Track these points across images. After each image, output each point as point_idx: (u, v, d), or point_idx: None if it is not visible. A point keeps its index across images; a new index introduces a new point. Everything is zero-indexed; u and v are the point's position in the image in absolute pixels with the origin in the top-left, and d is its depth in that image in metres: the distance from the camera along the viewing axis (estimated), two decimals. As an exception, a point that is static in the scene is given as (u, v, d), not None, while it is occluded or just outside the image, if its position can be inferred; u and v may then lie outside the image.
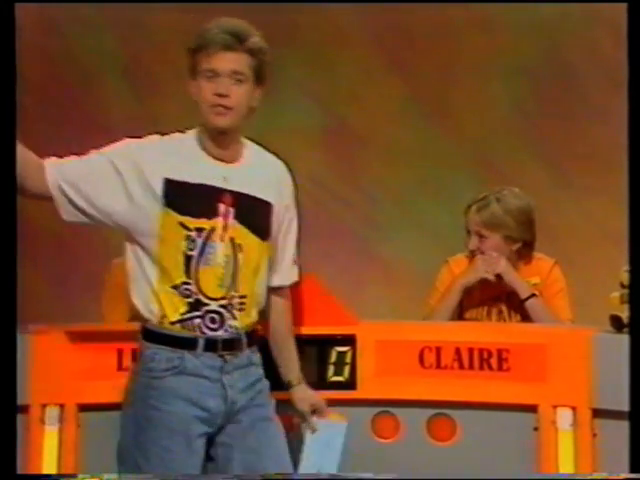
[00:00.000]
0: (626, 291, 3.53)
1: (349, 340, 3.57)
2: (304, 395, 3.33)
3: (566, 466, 3.54)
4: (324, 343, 3.52)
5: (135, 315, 4.25)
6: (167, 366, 3.20)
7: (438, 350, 3.56)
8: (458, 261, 4.15)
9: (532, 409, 3.51)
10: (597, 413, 3.47)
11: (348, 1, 5.37)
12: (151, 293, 3.19)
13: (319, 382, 3.50)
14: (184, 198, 3.15)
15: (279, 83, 5.93)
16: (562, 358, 3.51)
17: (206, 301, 3.17)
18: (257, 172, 3.23)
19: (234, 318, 3.16)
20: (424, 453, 3.58)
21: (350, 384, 3.57)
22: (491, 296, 4.15)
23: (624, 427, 3.43)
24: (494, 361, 3.55)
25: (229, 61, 3.15)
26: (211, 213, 3.17)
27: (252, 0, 5.43)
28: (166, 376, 3.20)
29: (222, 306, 3.18)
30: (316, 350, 3.56)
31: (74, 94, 5.26)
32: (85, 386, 3.46)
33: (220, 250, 3.16)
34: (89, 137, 5.49)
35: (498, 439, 3.53)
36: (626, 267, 3.60)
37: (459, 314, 4.12)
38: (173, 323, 3.19)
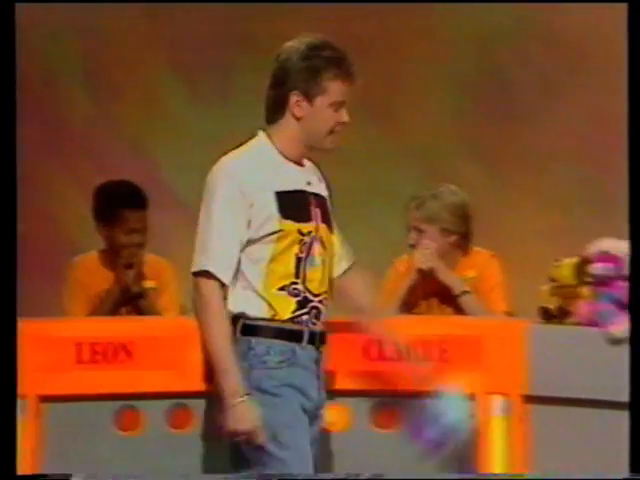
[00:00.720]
0: (555, 284, 3.69)
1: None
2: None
3: (500, 450, 3.65)
4: None
5: (94, 310, 4.38)
6: (282, 358, 3.38)
7: (379, 342, 3.64)
8: (403, 261, 4.28)
9: (469, 397, 3.61)
10: (530, 400, 3.59)
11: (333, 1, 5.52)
12: (257, 296, 3.35)
13: None
14: (294, 206, 3.33)
15: (236, 88, 6.10)
16: (497, 348, 3.64)
17: (311, 298, 3.39)
18: (313, 171, 3.43)
19: (324, 312, 3.38)
20: (372, 439, 3.70)
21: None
22: (431, 290, 4.27)
23: (557, 412, 3.61)
24: (435, 352, 3.65)
25: (350, 93, 3.35)
26: (311, 217, 3.40)
27: (238, 0, 5.62)
28: (282, 367, 3.38)
29: (320, 302, 3.41)
30: None
31: (34, 96, 5.35)
32: (45, 378, 3.54)
33: (317, 250, 3.37)
34: (47, 138, 5.61)
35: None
36: (556, 262, 3.80)
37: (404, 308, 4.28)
38: (284, 320, 3.38)
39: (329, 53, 3.36)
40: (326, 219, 3.45)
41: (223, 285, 3.31)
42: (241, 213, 3.33)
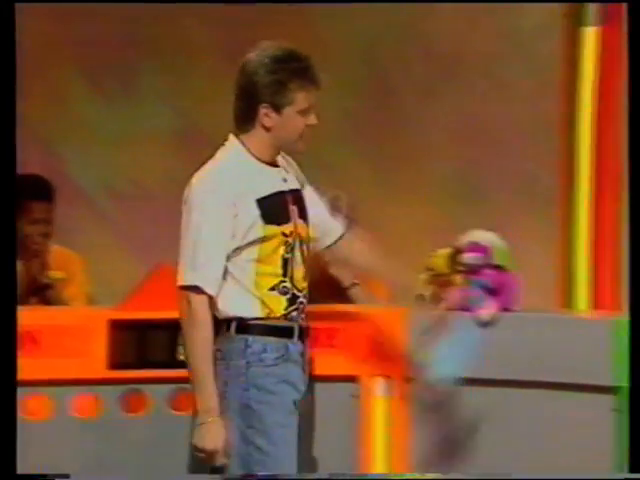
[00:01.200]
0: (431, 273, 3.85)
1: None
2: None
3: (381, 428, 3.84)
4: (176, 326, 3.60)
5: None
6: (278, 355, 3.46)
7: None
8: None
9: (354, 379, 3.80)
10: (410, 380, 3.77)
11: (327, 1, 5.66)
12: (251, 296, 3.42)
13: (171, 361, 3.70)
14: (274, 210, 3.39)
15: (140, 89, 6.25)
16: (379, 334, 3.82)
17: (298, 294, 3.48)
18: (286, 164, 3.50)
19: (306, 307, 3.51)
20: None
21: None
22: (321, 281, 4.41)
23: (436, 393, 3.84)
24: (323, 338, 3.79)
25: (316, 96, 3.44)
26: (290, 217, 3.47)
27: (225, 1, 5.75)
28: (278, 364, 3.46)
29: (304, 297, 3.51)
30: (169, 333, 3.72)
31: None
32: None
33: (299, 248, 3.45)
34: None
35: (323, 407, 3.81)
36: (431, 253, 3.98)
37: None
38: (278, 318, 3.46)
39: (294, 65, 3.42)
40: (303, 214, 3.52)
41: (210, 298, 3.37)
42: (226, 225, 3.38)
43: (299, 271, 3.48)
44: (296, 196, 3.51)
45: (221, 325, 3.47)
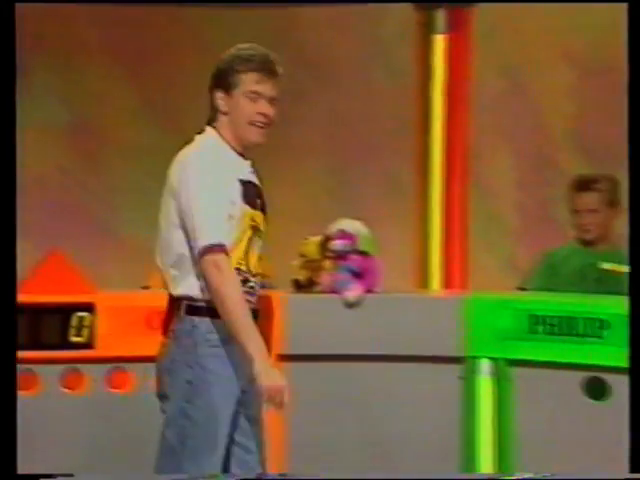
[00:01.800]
0: (304, 259, 4.03)
1: (89, 307, 3.87)
2: None
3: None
4: (67, 309, 3.80)
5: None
6: (224, 336, 3.44)
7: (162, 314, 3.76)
8: None
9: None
10: (287, 358, 3.94)
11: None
12: (203, 279, 3.40)
13: (62, 343, 3.81)
14: (249, 194, 3.49)
15: (31, 85, 6.39)
16: (261, 316, 3.80)
17: (250, 278, 3.51)
18: (251, 163, 3.59)
19: (257, 291, 3.53)
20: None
21: (88, 344, 3.87)
22: None
23: (316, 367, 4.01)
24: None
25: (271, 87, 3.48)
26: (257, 205, 3.55)
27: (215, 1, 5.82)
28: (224, 344, 3.45)
29: (256, 282, 3.54)
30: (60, 316, 3.85)
31: None
32: None
33: (258, 235, 3.54)
34: None
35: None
36: (304, 240, 4.08)
37: None
38: None
39: (247, 53, 3.50)
40: (263, 208, 3.59)
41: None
42: (224, 194, 3.42)
43: (254, 256, 3.53)
44: (259, 191, 3.59)
45: (174, 304, 3.51)
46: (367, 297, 4.00)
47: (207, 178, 3.45)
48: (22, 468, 3.37)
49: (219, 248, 3.39)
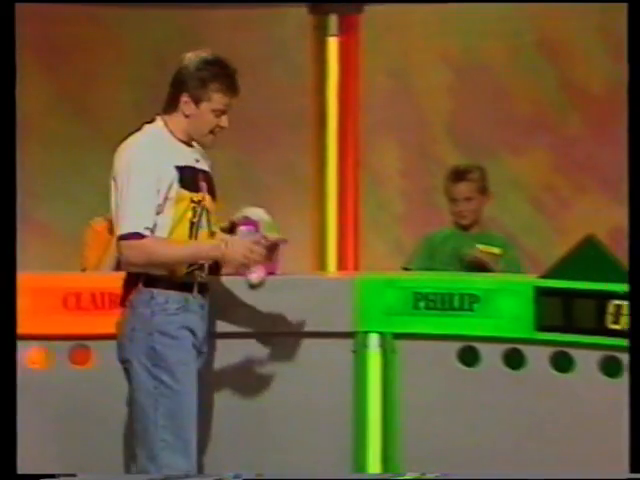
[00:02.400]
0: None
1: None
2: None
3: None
4: None
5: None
6: (178, 305, 3.76)
7: (78, 295, 4.08)
8: (98, 221, 4.71)
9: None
10: None
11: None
12: None
13: None
14: (187, 178, 3.73)
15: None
16: None
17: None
18: (200, 151, 3.84)
19: (206, 267, 3.81)
20: (70, 379, 4.08)
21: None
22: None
23: (222, 344, 4.08)
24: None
25: (231, 102, 3.77)
26: (199, 188, 3.79)
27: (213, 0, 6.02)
28: (179, 313, 3.76)
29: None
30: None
31: None
32: None
33: (205, 215, 3.76)
34: None
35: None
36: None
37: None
38: (180, 275, 3.75)
39: (218, 70, 3.76)
40: (211, 191, 3.82)
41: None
42: (153, 184, 3.67)
43: (204, 234, 3.78)
44: (206, 176, 3.84)
45: (132, 277, 3.78)
46: (269, 279, 4.11)
47: (139, 166, 3.69)
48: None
49: (134, 236, 3.65)
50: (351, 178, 5.98)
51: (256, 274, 4.07)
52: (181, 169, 3.77)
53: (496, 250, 4.77)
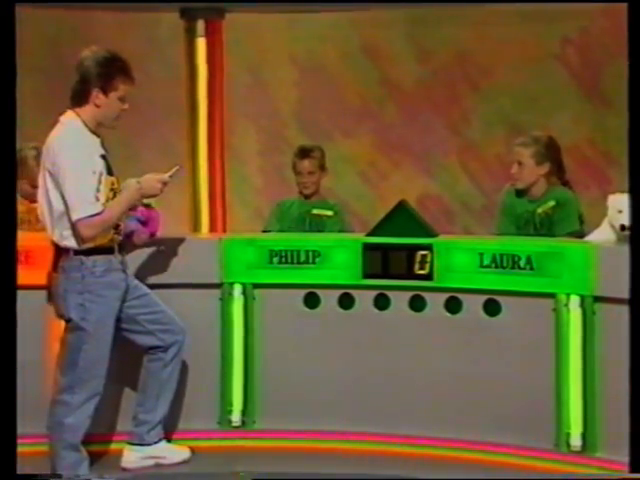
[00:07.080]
0: None
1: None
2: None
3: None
4: None
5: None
6: (105, 267, 4.06)
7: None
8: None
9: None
10: None
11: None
12: None
13: None
14: (107, 166, 4.02)
15: None
16: None
17: (118, 222, 4.09)
18: (100, 138, 4.12)
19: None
20: None
21: None
22: None
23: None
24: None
25: (130, 89, 4.10)
26: (112, 172, 4.09)
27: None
28: (105, 274, 4.06)
29: (118, 225, 4.10)
30: None
31: None
32: None
33: (114, 194, 4.06)
34: None
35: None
36: None
37: None
38: (104, 241, 4.03)
39: (120, 64, 4.08)
40: (110, 172, 4.09)
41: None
42: (91, 171, 3.98)
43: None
44: (107, 159, 4.12)
45: (62, 248, 4.04)
46: (151, 240, 4.36)
47: (77, 159, 3.97)
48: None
49: (86, 219, 3.97)
50: (218, 156, 6.39)
51: (140, 236, 4.32)
52: (103, 157, 4.08)
53: (330, 212, 5.21)
